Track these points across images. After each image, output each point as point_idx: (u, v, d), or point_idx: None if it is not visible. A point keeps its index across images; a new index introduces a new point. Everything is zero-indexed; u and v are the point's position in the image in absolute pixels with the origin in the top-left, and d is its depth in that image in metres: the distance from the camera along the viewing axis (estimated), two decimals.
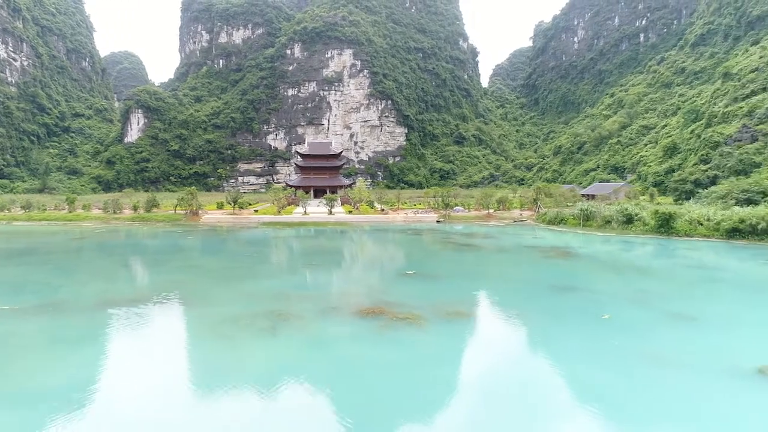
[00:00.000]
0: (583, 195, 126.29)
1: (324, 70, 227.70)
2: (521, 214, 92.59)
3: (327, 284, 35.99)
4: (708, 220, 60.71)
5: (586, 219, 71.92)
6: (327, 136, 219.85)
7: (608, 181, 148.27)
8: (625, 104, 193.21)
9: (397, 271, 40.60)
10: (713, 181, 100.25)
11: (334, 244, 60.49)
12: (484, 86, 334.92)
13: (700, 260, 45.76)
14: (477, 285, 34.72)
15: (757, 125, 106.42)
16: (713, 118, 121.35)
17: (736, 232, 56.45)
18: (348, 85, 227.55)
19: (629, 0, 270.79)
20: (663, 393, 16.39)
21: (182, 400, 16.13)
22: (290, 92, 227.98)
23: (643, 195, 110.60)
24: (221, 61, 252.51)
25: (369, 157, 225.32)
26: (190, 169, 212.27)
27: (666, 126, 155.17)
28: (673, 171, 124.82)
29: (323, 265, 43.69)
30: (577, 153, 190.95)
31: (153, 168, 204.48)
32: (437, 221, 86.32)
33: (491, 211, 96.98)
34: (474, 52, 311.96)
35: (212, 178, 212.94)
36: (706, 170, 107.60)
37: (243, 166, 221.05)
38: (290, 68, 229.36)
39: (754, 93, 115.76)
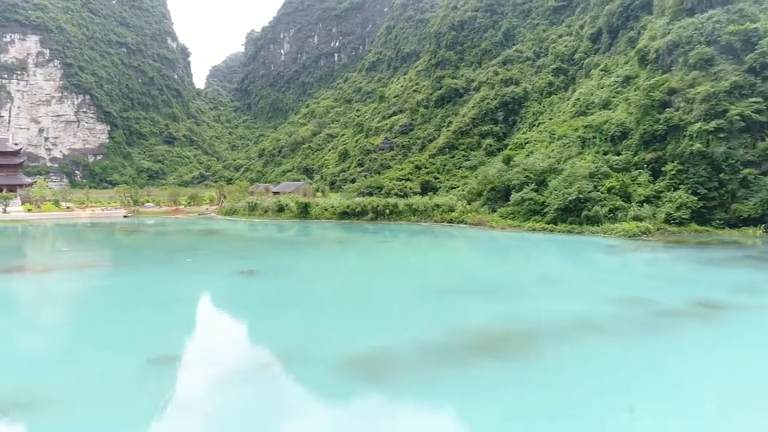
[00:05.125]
0: (274, 192, 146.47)
1: (2, 56, 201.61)
2: (207, 209, 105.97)
3: None
4: (332, 207, 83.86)
5: (251, 210, 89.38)
6: (9, 130, 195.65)
7: (299, 180, 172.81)
8: (317, 115, 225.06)
9: (57, 249, 49.56)
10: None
11: (4, 238, 63.82)
12: (200, 87, 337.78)
13: (304, 231, 66.16)
14: (120, 252, 46.77)
15: (394, 138, 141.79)
16: (370, 131, 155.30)
17: (345, 215, 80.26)
18: (35, 75, 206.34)
19: (326, 23, 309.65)
20: (182, 284, 31.77)
21: None
22: None
23: (318, 191, 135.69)
24: None
25: (64, 155, 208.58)
26: None
27: (343, 135, 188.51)
28: (344, 172, 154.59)
29: None
30: (278, 156, 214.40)
31: None
32: (124, 216, 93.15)
33: (182, 206, 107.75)
34: (185, 52, 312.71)
35: None
36: (360, 171, 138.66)
37: None
38: None
39: (394, 113, 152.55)
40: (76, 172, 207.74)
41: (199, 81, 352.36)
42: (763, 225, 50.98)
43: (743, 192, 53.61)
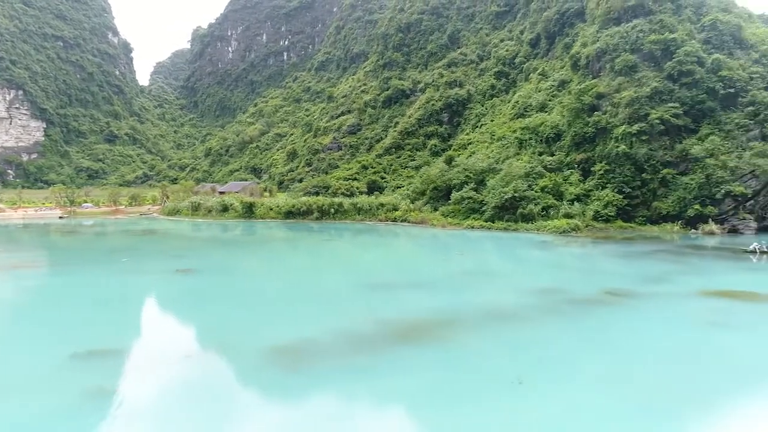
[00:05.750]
0: (220, 192, 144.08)
1: None
2: (150, 209, 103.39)
3: None
4: (277, 206, 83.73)
5: (195, 209, 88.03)
6: None
7: (247, 180, 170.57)
8: (265, 114, 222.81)
9: None
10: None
11: None
12: (144, 83, 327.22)
13: (247, 230, 65.99)
14: (53, 253, 45.55)
15: (342, 138, 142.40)
16: (318, 131, 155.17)
17: (290, 214, 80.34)
18: None
19: (274, 21, 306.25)
20: (115, 283, 31.57)
21: None
22: None
23: (266, 191, 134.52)
24: None
25: None
26: None
27: (292, 135, 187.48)
28: (292, 171, 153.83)
29: None
30: (225, 155, 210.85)
31: None
32: (60, 217, 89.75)
33: (122, 207, 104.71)
34: (127, 48, 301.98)
35: None
36: (309, 171, 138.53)
37: None
38: None
39: (343, 113, 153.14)
40: (9, 171, 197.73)
41: (143, 78, 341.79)
42: (680, 221, 54.94)
43: (663, 191, 57.58)
